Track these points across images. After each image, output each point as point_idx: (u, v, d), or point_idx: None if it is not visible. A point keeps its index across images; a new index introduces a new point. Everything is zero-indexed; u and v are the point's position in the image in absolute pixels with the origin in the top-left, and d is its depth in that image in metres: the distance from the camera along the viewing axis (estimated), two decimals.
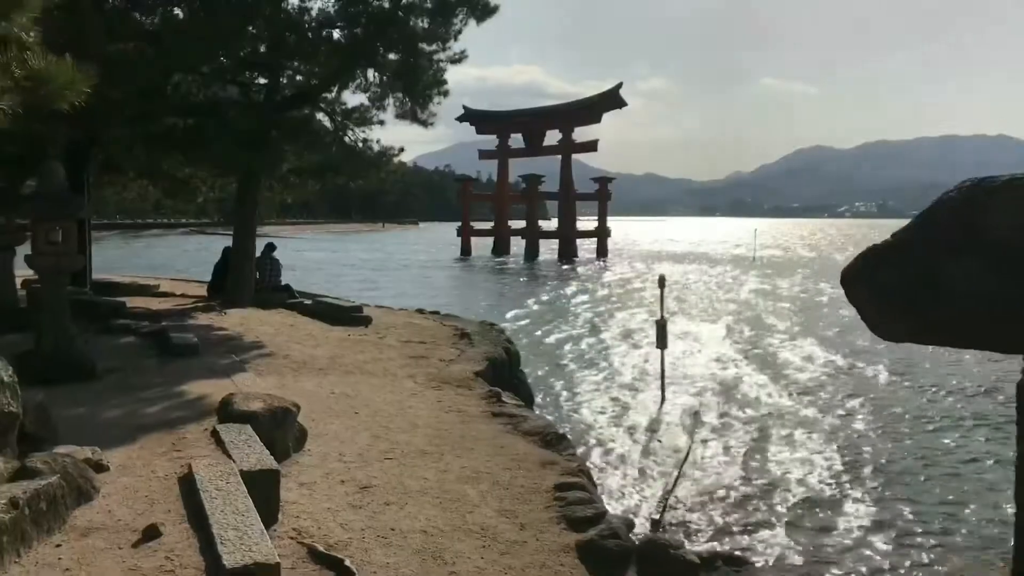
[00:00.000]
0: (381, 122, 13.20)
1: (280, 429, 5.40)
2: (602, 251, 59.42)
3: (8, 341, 7.45)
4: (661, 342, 12.30)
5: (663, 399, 12.05)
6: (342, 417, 6.62)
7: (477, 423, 6.74)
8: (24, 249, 8.28)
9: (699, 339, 18.42)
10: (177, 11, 10.09)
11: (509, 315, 21.99)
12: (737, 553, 4.58)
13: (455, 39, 12.83)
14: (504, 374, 9.38)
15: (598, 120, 59.99)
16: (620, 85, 58.50)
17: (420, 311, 14.33)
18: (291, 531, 4.17)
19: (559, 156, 60.61)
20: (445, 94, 13.37)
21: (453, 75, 13.73)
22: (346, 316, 11.69)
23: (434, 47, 12.88)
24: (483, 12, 12.48)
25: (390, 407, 7.09)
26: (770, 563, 5.62)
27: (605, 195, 62.61)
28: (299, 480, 5.02)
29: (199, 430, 5.34)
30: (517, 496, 4.98)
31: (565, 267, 48.00)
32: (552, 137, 61.09)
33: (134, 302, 11.96)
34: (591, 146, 60.57)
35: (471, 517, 4.61)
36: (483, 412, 7.10)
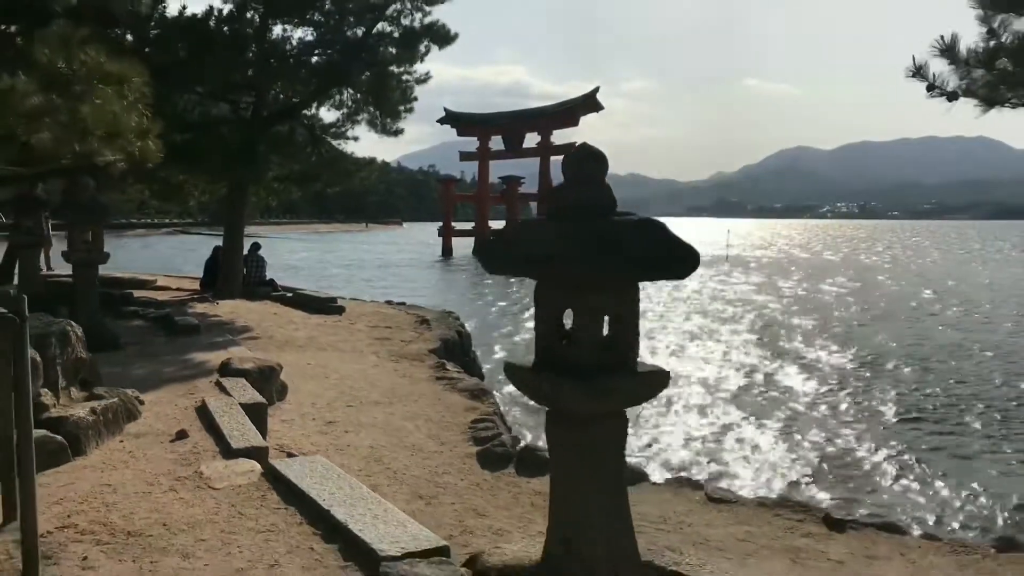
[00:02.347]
0: (355, 138, 14.94)
1: (267, 382, 7.15)
2: None
3: None
4: None
5: None
6: (316, 380, 8.36)
7: (423, 384, 8.52)
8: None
9: (659, 333, 20.14)
10: (180, 46, 11.74)
11: (476, 306, 23.75)
12: None
13: (421, 62, 14.63)
14: (456, 352, 11.12)
15: (576, 123, 61.80)
16: (597, 89, 60.33)
17: (389, 302, 16.09)
18: (275, 445, 5.91)
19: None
20: (411, 111, 15.12)
21: (437, 76, 15.51)
22: (322, 306, 13.41)
23: (402, 69, 14.64)
24: (444, 40, 14.25)
25: (355, 374, 8.83)
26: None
27: None
28: (281, 419, 6.76)
29: (206, 382, 7.07)
30: (443, 427, 6.76)
31: None
32: (531, 140, 62.86)
33: (136, 294, 13.61)
34: (568, 149, 62.20)
35: (406, 439, 6.38)
36: (429, 377, 8.88)
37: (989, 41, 2.87)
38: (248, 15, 13.08)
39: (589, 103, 60.46)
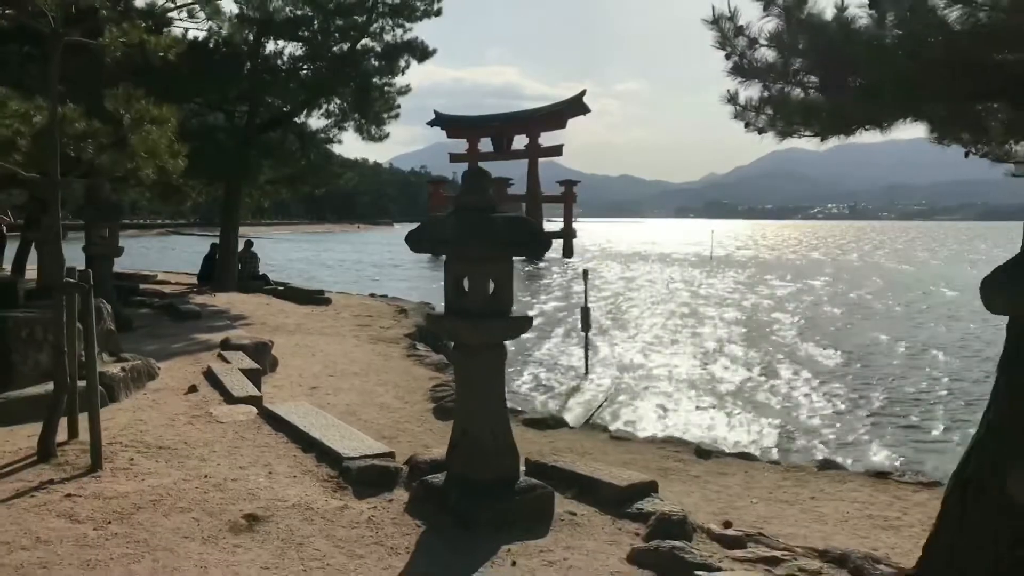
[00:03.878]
0: (340, 141, 16.29)
1: (261, 355, 8.47)
2: (568, 252, 62.38)
3: None
4: (585, 325, 14.84)
5: (587, 372, 14.71)
6: (303, 357, 9.68)
7: (396, 360, 9.86)
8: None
9: (633, 327, 21.21)
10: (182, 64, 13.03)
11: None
12: (519, 409, 7.68)
13: (402, 74, 16.00)
14: (428, 336, 12.42)
15: (563, 126, 63.17)
16: (584, 92, 61.74)
17: (372, 295, 17.42)
18: (267, 403, 7.23)
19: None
20: (395, 118, 16.47)
21: (430, 77, 16.98)
22: (311, 298, 14.72)
23: (384, 81, 16.00)
24: (423, 55, 15.63)
25: (337, 353, 10.16)
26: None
27: (571, 197, 65.65)
28: (272, 385, 8.07)
29: (210, 355, 8.39)
30: (408, 391, 8.10)
31: (527, 266, 50.91)
32: (520, 141, 64.18)
33: (141, 287, 14.90)
34: (556, 151, 63.89)
35: (377, 400, 7.71)
36: (402, 355, 10.23)
37: (764, 92, 4.15)
38: (244, 34, 14.41)
39: (576, 106, 61.91)
